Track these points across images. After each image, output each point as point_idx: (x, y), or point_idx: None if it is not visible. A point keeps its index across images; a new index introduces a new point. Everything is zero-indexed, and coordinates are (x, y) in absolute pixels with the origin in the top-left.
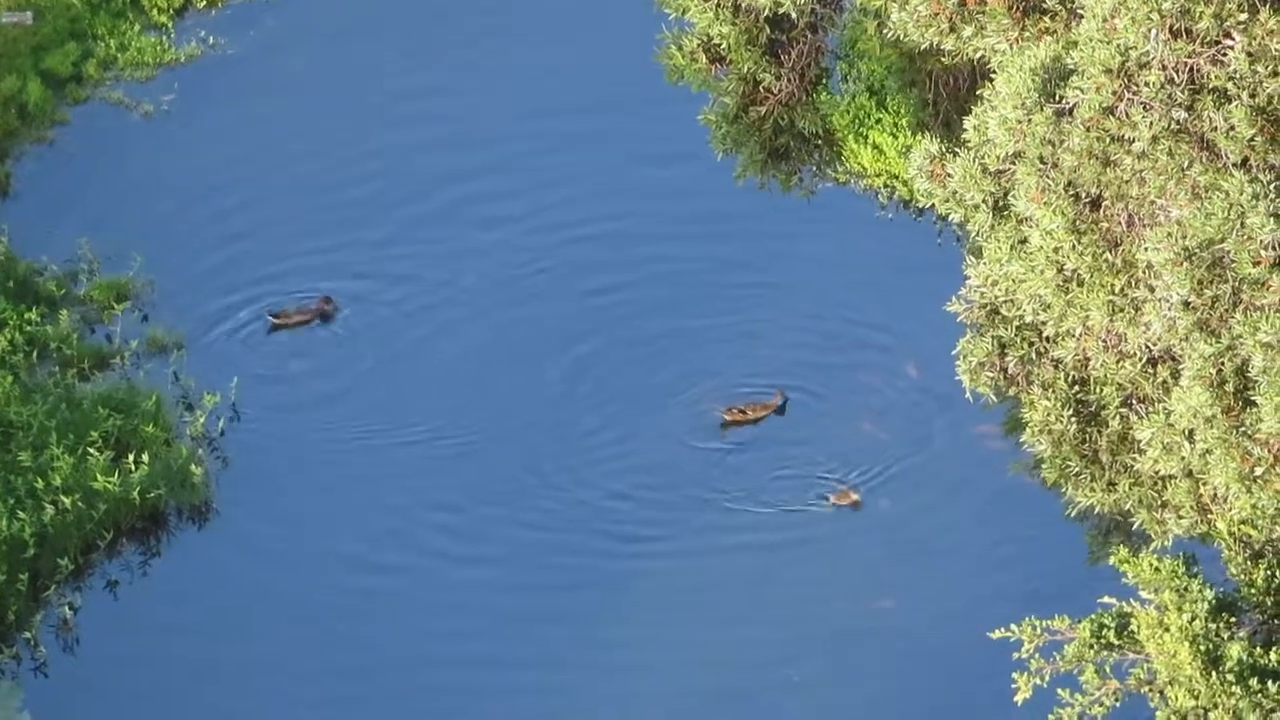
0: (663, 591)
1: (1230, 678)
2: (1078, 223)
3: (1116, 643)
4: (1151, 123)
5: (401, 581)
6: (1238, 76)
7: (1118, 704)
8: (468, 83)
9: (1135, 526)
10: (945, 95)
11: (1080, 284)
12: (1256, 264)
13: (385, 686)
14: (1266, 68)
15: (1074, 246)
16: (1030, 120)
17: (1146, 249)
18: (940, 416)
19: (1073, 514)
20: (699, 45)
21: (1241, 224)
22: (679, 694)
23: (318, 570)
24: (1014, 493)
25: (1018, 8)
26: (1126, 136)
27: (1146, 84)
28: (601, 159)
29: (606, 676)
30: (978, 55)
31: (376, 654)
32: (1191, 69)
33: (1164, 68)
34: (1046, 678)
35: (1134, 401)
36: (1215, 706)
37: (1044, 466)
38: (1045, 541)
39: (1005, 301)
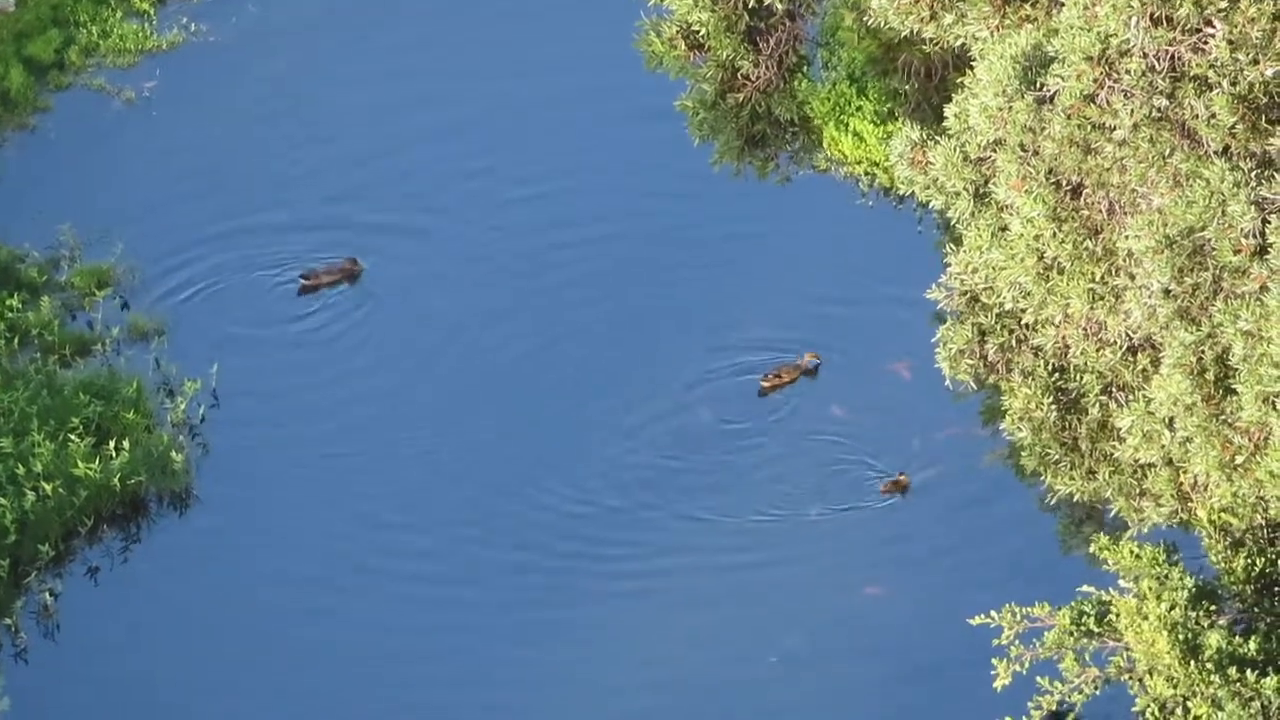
0: (639, 583)
1: (1209, 666)
2: (1058, 210)
3: (1096, 630)
4: (1132, 110)
5: (375, 570)
6: (1219, 64)
7: (1097, 692)
8: (453, 67)
9: (1110, 515)
10: (919, 85)
11: (1061, 272)
12: (1237, 252)
13: (356, 679)
14: (1247, 55)
15: (1054, 234)
16: (1011, 108)
17: (1127, 237)
18: (924, 405)
19: (1052, 501)
20: (678, 32)
21: (1222, 212)
22: (660, 683)
23: (294, 560)
24: (999, 479)
25: None
26: (1107, 124)
27: (1127, 71)
28: (580, 152)
29: (581, 670)
30: (958, 43)
31: (351, 645)
32: (1172, 57)
33: (1145, 55)
34: (1026, 665)
35: (1114, 389)
36: (1194, 695)
37: (1023, 454)
38: (1029, 529)
39: (985, 289)
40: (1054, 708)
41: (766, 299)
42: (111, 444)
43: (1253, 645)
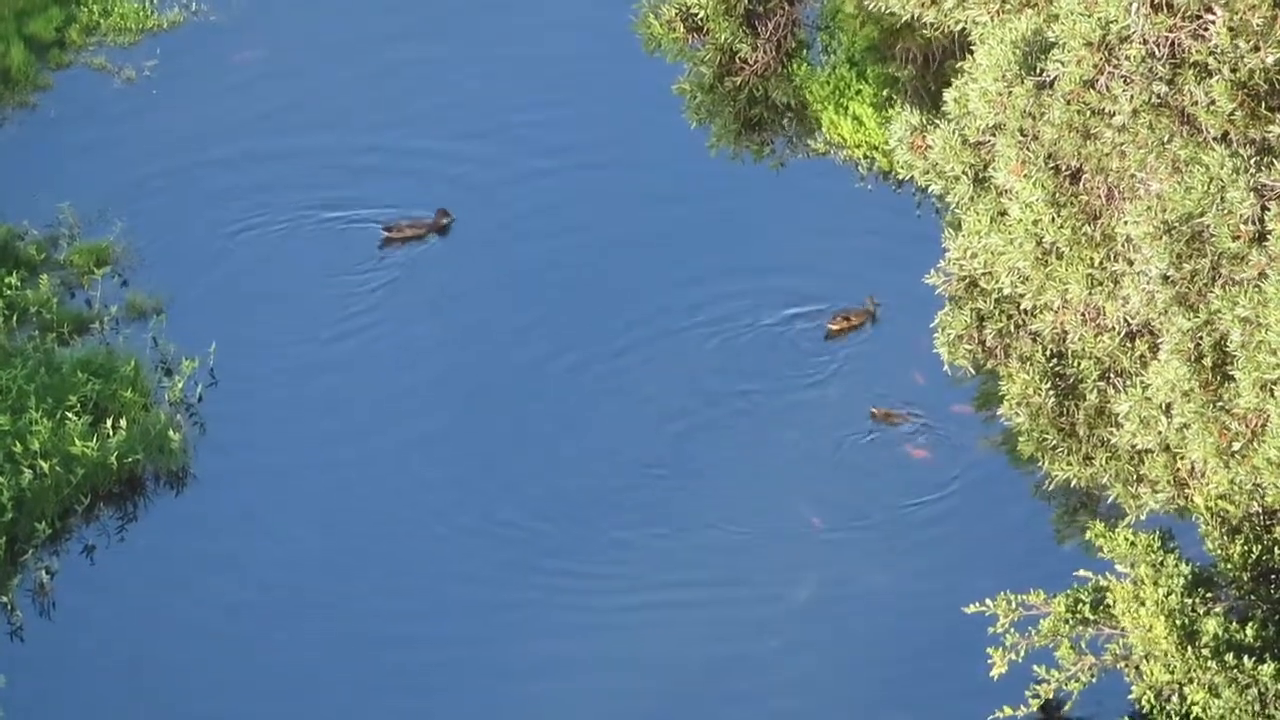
0: (627, 580)
1: (1206, 653)
2: (1057, 195)
3: (1092, 617)
4: (1132, 96)
5: (371, 552)
6: (1219, 51)
7: (1094, 679)
8: (453, 35)
9: (1107, 502)
10: (918, 72)
11: (1059, 257)
12: (1236, 238)
13: (344, 661)
14: (1248, 42)
15: (1053, 219)
16: (1011, 93)
17: (1126, 222)
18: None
19: (1049, 487)
20: (676, 14)
21: (1221, 198)
22: (654, 674)
23: (290, 541)
24: (992, 466)
25: None
26: (1107, 110)
27: (1127, 57)
28: (587, 151)
29: (572, 672)
30: (958, 27)
31: (343, 626)
32: (1172, 43)
33: (1145, 41)
34: (1022, 653)
35: (1112, 375)
36: (1191, 681)
37: (1020, 439)
38: (1024, 515)
39: (984, 274)
40: (1051, 695)
41: (748, 293)
42: (109, 422)
43: (1250, 632)
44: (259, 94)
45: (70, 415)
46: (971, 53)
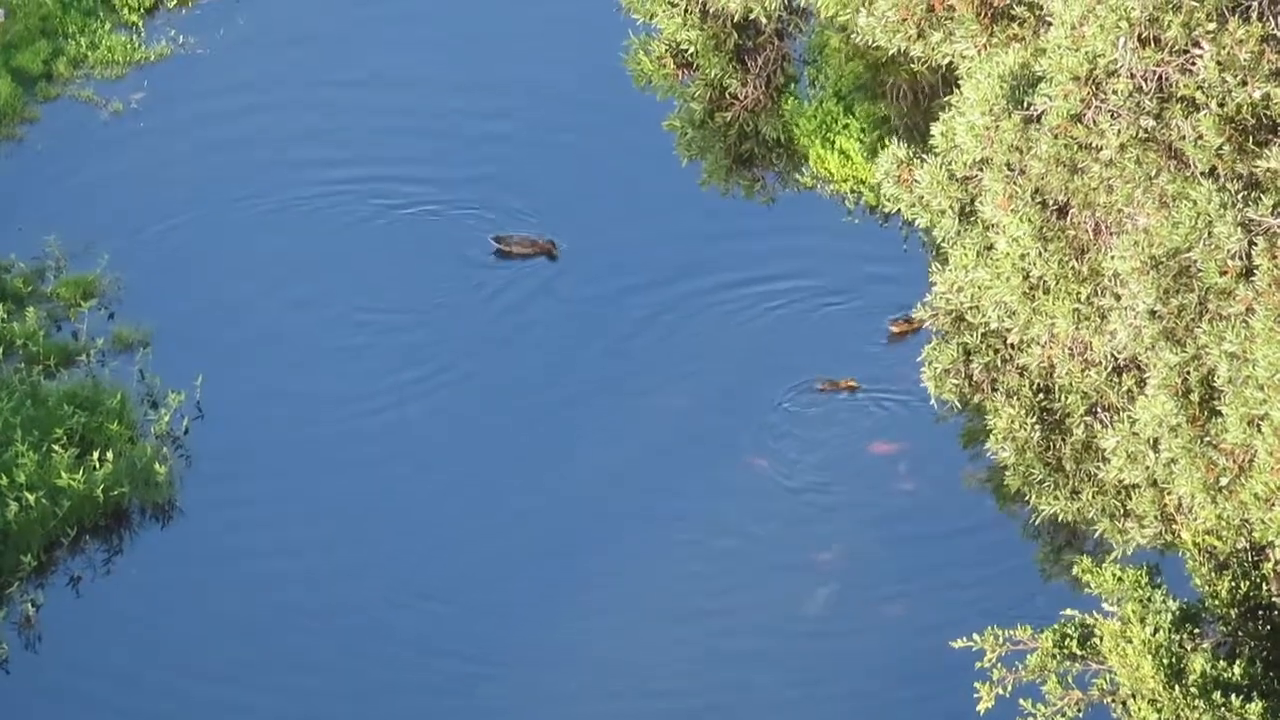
0: (609, 602)
1: (1193, 690)
2: (1044, 230)
3: (1079, 653)
4: (1119, 131)
5: (359, 586)
6: (1206, 85)
7: (1080, 715)
8: (436, 73)
9: (1093, 538)
10: (905, 109)
11: (1046, 291)
12: (1223, 273)
13: (334, 694)
14: (1235, 77)
15: (1040, 254)
16: (998, 127)
17: (1113, 257)
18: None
19: (1036, 522)
20: (666, 50)
21: (1209, 233)
22: (631, 691)
23: (275, 574)
24: (979, 499)
25: (986, 14)
26: (1094, 144)
27: (1115, 92)
28: (578, 175)
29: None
30: (945, 61)
31: (330, 660)
32: (1160, 77)
33: (1132, 76)
34: (1009, 688)
35: (1099, 410)
36: (1177, 719)
37: (1007, 474)
38: (1010, 551)
39: (971, 308)
40: None
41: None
42: (95, 455)
43: (1237, 669)
44: (245, 127)
45: (56, 448)
46: (959, 89)
